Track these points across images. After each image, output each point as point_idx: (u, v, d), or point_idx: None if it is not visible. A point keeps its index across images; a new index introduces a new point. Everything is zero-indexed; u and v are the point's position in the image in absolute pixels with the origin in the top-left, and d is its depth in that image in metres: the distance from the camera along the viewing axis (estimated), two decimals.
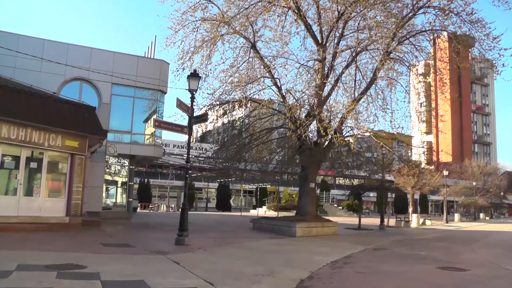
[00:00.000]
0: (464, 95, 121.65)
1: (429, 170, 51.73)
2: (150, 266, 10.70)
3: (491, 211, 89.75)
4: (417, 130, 30.01)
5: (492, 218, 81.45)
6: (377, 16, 21.67)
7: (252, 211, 55.08)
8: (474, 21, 21.53)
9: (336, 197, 68.41)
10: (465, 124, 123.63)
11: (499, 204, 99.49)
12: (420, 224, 42.38)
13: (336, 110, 23.25)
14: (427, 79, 27.81)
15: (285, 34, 23.43)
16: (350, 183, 69.53)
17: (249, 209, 60.74)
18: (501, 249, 21.75)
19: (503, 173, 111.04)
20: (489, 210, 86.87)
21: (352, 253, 16.19)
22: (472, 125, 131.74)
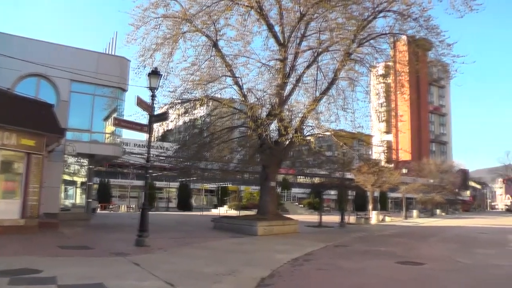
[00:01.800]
0: (422, 96, 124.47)
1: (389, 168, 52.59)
2: (110, 268, 10.55)
3: (447, 207, 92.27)
4: (377, 129, 30.56)
5: (447, 214, 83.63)
6: (338, 18, 21.95)
7: (213, 211, 54.82)
8: (430, 27, 22.25)
9: (297, 196, 68.83)
10: (423, 124, 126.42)
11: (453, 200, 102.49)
12: (380, 221, 43.10)
13: (297, 109, 23.48)
14: (387, 80, 28.32)
15: (247, 34, 23.51)
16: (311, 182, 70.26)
17: (210, 209, 60.36)
18: (455, 243, 22.42)
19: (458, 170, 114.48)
20: (445, 206, 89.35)
21: (313, 250, 16.36)
22: (430, 125, 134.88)
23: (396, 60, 25.67)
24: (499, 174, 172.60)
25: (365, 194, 53.70)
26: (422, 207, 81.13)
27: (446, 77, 27.56)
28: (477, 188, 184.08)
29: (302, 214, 52.83)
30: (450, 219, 60.99)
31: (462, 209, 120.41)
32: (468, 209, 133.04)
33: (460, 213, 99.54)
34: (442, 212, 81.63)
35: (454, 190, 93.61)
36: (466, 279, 11.68)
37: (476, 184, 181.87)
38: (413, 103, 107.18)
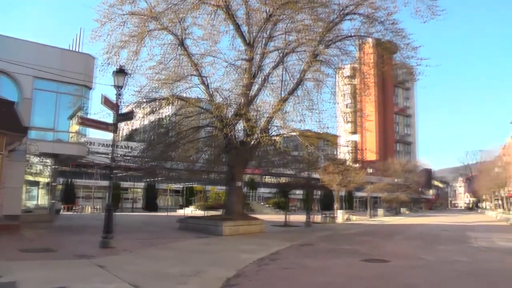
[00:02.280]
0: (388, 98, 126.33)
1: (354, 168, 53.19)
2: (73, 271, 10.41)
3: (411, 205, 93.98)
4: (343, 130, 30.84)
5: (412, 212, 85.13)
6: (305, 20, 22.14)
7: (179, 211, 54.42)
8: (396, 31, 22.72)
9: (263, 195, 68.94)
10: (388, 125, 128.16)
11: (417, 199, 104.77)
12: (346, 220, 43.56)
13: (263, 109, 23.51)
14: (353, 82, 28.62)
15: (214, 33, 23.43)
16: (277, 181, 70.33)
17: (176, 209, 59.87)
18: (419, 241, 22.92)
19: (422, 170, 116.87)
20: (410, 205, 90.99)
21: (279, 250, 16.46)
22: (395, 126, 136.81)
23: (362, 62, 25.98)
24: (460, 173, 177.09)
25: (331, 193, 54.18)
26: (387, 206, 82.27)
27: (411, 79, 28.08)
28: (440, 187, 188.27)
29: (268, 213, 52.99)
30: (415, 217, 62.26)
31: (426, 207, 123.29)
32: (431, 207, 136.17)
33: (424, 211, 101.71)
34: (406, 210, 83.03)
35: (418, 189, 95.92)
36: (429, 275, 11.99)
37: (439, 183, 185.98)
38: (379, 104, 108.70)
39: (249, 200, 60.85)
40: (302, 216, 35.58)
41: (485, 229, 33.92)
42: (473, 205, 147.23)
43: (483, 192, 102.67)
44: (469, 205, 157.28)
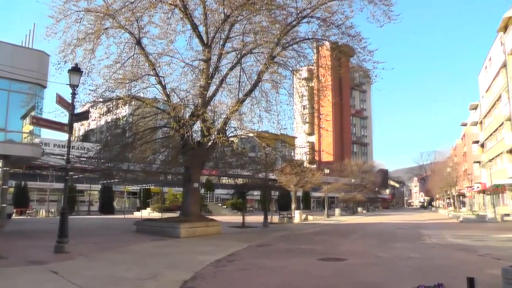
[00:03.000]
0: (345, 100, 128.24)
1: (311, 169, 53.76)
2: (26, 278, 10.13)
3: (368, 205, 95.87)
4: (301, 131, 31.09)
5: (368, 212, 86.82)
6: (262, 22, 22.22)
7: (136, 213, 53.53)
8: (352, 35, 23.05)
9: (221, 197, 68.68)
10: (345, 126, 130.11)
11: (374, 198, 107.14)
12: (303, 220, 43.96)
13: (220, 110, 23.43)
14: (310, 84, 28.89)
15: (171, 32, 23.12)
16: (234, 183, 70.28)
17: (133, 211, 58.85)
18: (375, 239, 23.44)
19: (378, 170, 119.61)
20: (366, 204, 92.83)
21: (236, 251, 16.51)
22: (352, 127, 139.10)
23: (319, 64, 26.25)
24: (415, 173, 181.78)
25: (288, 194, 54.48)
26: (344, 205, 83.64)
27: (367, 82, 28.51)
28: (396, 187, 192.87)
29: (226, 215, 52.87)
30: (371, 216, 63.56)
31: (382, 207, 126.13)
32: (387, 206, 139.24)
33: (380, 210, 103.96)
34: (363, 210, 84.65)
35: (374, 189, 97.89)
36: (384, 271, 12.34)
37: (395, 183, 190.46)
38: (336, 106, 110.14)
39: (206, 201, 60.49)
40: (260, 217, 35.75)
41: (438, 226, 34.99)
42: (427, 204, 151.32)
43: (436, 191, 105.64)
44: (423, 204, 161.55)
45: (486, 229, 30.02)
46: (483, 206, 79.51)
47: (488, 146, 74.95)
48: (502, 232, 26.35)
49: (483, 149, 79.10)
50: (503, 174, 61.54)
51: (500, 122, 62.74)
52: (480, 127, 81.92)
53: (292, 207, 49.85)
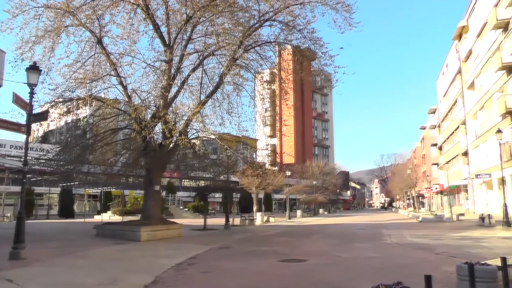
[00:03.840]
0: (306, 102, 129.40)
1: (273, 171, 53.95)
2: None
3: (329, 206, 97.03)
4: (262, 133, 31.20)
5: (330, 213, 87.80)
6: (225, 24, 22.17)
7: (96, 217, 52.36)
8: (314, 39, 23.25)
9: (182, 199, 68.27)
10: (306, 129, 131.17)
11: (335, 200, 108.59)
12: (264, 222, 44.02)
13: (182, 112, 23.29)
14: (272, 86, 29.03)
15: (133, 32, 22.64)
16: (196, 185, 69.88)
17: (94, 215, 57.68)
18: (336, 239, 23.78)
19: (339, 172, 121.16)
20: (327, 205, 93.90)
21: (197, 254, 16.40)
22: (313, 130, 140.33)
23: (281, 67, 26.40)
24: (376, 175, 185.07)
25: (250, 196, 54.53)
26: (305, 207, 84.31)
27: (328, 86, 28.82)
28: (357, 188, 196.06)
29: (188, 217, 52.51)
30: (332, 217, 64.32)
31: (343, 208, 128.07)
32: (348, 207, 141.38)
33: (341, 212, 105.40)
34: (324, 211, 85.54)
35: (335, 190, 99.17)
36: (344, 271, 12.55)
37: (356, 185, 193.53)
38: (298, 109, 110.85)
39: (168, 204, 59.95)
40: (222, 219, 35.67)
41: (398, 226, 35.60)
42: (387, 204, 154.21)
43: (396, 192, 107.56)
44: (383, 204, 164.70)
45: (443, 228, 30.80)
46: (441, 206, 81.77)
47: (445, 148, 77.29)
48: (457, 231, 27.07)
49: (441, 151, 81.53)
50: (459, 176, 63.56)
51: (456, 125, 64.91)
52: (438, 130, 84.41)
53: (253, 209, 49.92)
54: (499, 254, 9.69)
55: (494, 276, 7.82)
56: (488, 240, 21.06)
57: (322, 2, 22.17)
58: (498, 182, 43.03)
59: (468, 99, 56.83)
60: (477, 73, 50.71)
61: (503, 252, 12.37)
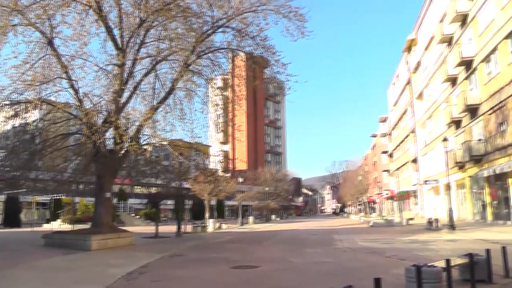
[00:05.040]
0: (259, 109, 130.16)
1: (225, 177, 53.94)
2: None
3: (281, 212, 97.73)
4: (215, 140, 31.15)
5: (282, 219, 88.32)
6: (178, 29, 22.04)
7: (45, 226, 50.59)
8: (267, 47, 23.49)
9: (134, 206, 67.14)
10: (259, 136, 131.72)
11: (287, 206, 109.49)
12: (217, 229, 43.86)
13: (134, 117, 22.96)
14: (225, 93, 29.05)
15: (85, 34, 21.73)
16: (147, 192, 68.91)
17: (42, 224, 55.79)
18: (288, 245, 23.97)
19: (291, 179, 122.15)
20: (280, 212, 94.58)
21: (148, 262, 16.16)
22: (266, 137, 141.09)
23: (234, 74, 26.46)
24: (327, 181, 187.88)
25: (202, 202, 54.18)
26: (258, 213, 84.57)
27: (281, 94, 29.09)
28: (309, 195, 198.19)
29: (139, 225, 51.71)
30: (284, 223, 64.73)
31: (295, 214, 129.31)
32: (300, 213, 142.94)
33: (294, 218, 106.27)
34: (277, 217, 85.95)
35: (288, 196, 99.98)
36: (296, 276, 12.65)
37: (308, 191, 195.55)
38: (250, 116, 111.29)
39: (119, 211, 58.84)
40: (173, 227, 35.28)
41: (349, 231, 36.15)
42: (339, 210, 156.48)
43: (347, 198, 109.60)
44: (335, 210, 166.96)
45: (393, 232, 31.45)
46: (391, 211, 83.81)
47: (395, 156, 79.59)
48: (407, 235, 27.78)
49: (391, 158, 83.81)
50: (408, 182, 65.56)
51: (406, 134, 67.19)
52: (389, 138, 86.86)
53: (206, 216, 49.70)
54: (444, 256, 10.06)
55: (439, 276, 8.33)
56: (435, 243, 21.74)
57: (275, 11, 22.47)
58: (444, 188, 44.67)
59: (417, 108, 58.98)
60: (426, 84, 52.89)
61: (448, 254, 12.77)
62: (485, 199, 36.07)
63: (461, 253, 10.66)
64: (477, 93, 35.98)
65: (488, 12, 33.33)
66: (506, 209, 32.03)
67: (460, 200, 44.00)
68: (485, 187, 35.88)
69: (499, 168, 30.50)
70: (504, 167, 29.69)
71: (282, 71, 23.53)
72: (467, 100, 36.39)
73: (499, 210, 33.59)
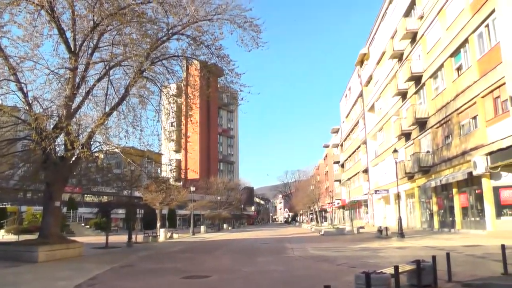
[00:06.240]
0: (212, 118, 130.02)
1: (177, 186, 53.42)
2: None
3: (233, 221, 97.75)
4: (167, 148, 30.81)
5: (234, 228, 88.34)
6: (132, 34, 21.65)
7: None
8: (221, 56, 23.53)
9: (84, 216, 65.25)
10: (212, 145, 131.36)
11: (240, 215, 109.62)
12: (168, 238, 43.44)
13: (86, 123, 22.44)
14: (178, 101, 28.84)
15: (36, 35, 20.82)
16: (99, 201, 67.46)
17: None
18: (239, 254, 23.99)
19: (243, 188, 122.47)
20: (232, 221, 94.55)
21: (98, 274, 15.73)
22: (218, 146, 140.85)
23: (188, 82, 26.34)
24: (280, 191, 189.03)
25: (153, 212, 53.47)
26: (210, 222, 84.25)
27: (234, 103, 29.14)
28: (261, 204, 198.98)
29: (89, 235, 50.46)
30: (236, 232, 64.77)
31: (247, 223, 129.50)
32: (253, 222, 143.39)
33: (246, 227, 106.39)
34: (229, 226, 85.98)
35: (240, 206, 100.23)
36: (247, 285, 12.64)
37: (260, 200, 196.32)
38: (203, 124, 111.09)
39: (69, 221, 57.11)
40: (125, 237, 34.68)
41: (301, 240, 36.43)
42: (291, 219, 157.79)
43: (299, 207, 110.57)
44: (287, 219, 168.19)
45: (345, 241, 31.92)
46: (342, 220, 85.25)
47: (347, 166, 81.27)
48: (357, 243, 28.21)
49: (343, 169, 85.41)
50: (359, 191, 67.01)
51: (357, 145, 68.87)
52: (341, 149, 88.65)
53: (157, 226, 49.09)
54: (393, 263, 10.27)
55: (388, 283, 8.57)
56: (385, 250, 22.14)
57: (230, 20, 22.54)
58: (394, 197, 45.84)
59: (368, 120, 60.46)
60: (377, 97, 54.39)
61: (397, 261, 13.06)
62: (433, 208, 37.57)
63: (409, 259, 10.96)
64: (426, 107, 37.49)
65: (435, 31, 35.09)
66: (451, 217, 33.57)
67: (409, 209, 45.38)
68: (433, 197, 37.31)
69: (445, 178, 31.95)
70: (449, 177, 31.22)
71: (236, 81, 23.61)
72: (416, 114, 37.76)
73: (445, 218, 35.07)
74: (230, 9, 22.48)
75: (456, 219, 32.13)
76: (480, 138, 27.82)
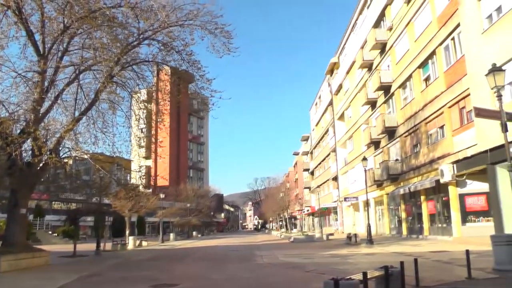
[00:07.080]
0: (182, 125, 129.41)
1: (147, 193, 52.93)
2: None
3: (203, 229, 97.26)
4: (137, 154, 30.49)
5: (203, 235, 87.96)
6: (103, 38, 21.32)
7: None
8: (192, 62, 23.41)
9: (52, 223, 63.87)
10: (182, 151, 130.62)
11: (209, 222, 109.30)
12: (137, 246, 42.97)
13: (54, 128, 21.96)
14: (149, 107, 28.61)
15: (2, 37, 20.41)
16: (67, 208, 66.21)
17: None
18: (209, 261, 23.93)
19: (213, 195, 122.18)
20: (201, 228, 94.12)
21: (65, 284, 15.32)
22: (188, 153, 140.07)
23: (159, 88, 26.19)
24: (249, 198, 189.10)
25: (122, 219, 52.83)
26: (179, 230, 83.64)
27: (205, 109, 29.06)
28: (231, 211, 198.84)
29: (57, 243, 49.41)
30: (206, 239, 64.64)
31: (217, 230, 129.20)
32: (222, 229, 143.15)
33: (215, 234, 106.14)
34: (198, 234, 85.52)
35: (210, 213, 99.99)
36: None
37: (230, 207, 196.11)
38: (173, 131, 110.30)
39: (35, 229, 55.82)
40: (93, 244, 34.08)
41: (270, 247, 36.51)
42: (261, 226, 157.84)
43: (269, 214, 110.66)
44: (257, 226, 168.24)
45: (314, 247, 32.08)
46: (312, 227, 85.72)
47: (316, 174, 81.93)
48: (327, 250, 28.42)
49: (313, 176, 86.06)
50: (329, 199, 67.60)
51: (327, 153, 69.47)
52: (310, 156, 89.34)
53: (126, 233, 48.50)
54: (362, 269, 10.33)
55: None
56: (354, 257, 22.32)
57: (202, 26, 22.48)
58: (363, 204, 46.42)
59: (338, 129, 61.15)
60: (347, 106, 55.09)
61: (365, 267, 13.14)
62: (401, 215, 38.12)
63: (377, 266, 11.06)
64: (395, 116, 38.11)
65: (404, 43, 35.87)
66: (419, 224, 34.13)
67: (378, 216, 45.95)
68: (401, 204, 37.86)
69: (413, 186, 32.49)
70: (417, 185, 31.75)
71: (207, 87, 23.60)
72: (385, 123, 38.30)
73: (413, 225, 35.65)
74: (201, 15, 22.38)
75: (424, 225, 32.66)
76: (447, 147, 28.43)
